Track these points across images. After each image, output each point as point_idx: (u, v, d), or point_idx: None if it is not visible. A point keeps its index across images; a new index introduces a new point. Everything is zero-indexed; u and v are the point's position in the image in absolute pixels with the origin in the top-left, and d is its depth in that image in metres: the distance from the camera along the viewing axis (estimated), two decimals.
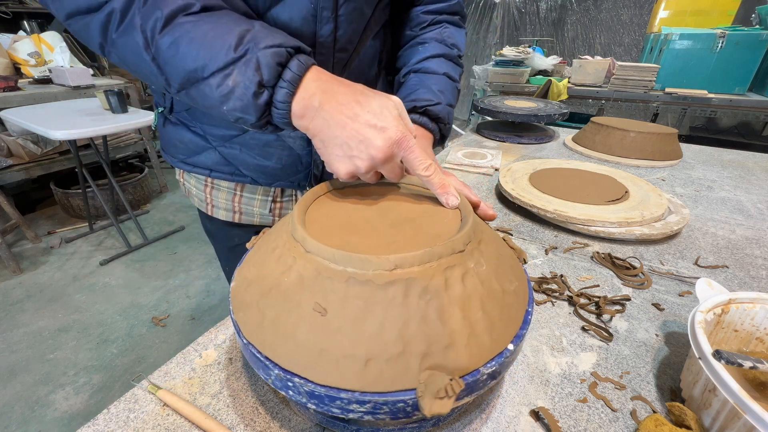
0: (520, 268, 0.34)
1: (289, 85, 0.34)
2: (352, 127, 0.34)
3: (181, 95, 0.36)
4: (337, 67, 0.49)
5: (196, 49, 0.32)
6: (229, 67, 0.33)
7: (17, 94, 2.03)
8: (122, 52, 0.34)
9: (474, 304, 0.26)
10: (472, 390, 0.26)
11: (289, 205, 0.61)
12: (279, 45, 0.33)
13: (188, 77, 0.34)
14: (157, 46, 0.33)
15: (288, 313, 0.26)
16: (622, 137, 1.00)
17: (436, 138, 0.53)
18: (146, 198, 2.60)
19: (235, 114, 0.35)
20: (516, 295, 0.30)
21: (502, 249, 0.34)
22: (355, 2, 0.45)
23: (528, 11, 4.33)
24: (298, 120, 0.35)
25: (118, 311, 1.65)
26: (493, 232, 0.36)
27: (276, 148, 0.53)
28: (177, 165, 0.58)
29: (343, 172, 0.35)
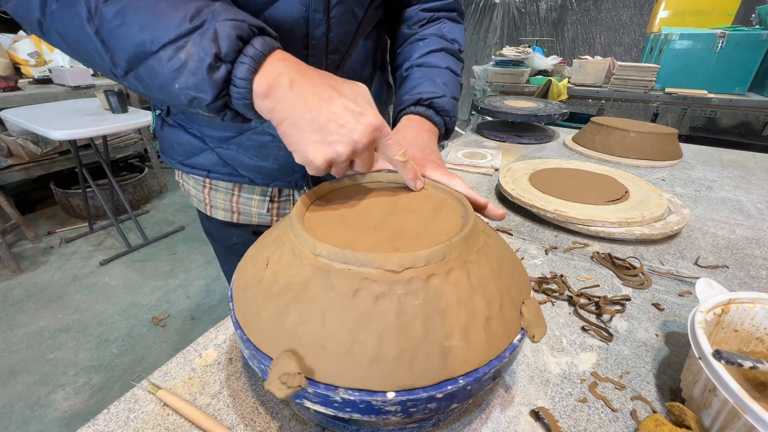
0: (520, 268, 0.34)
1: (251, 61, 0.30)
2: (329, 110, 0.31)
3: (129, 78, 0.32)
4: (330, 68, 0.49)
5: (145, 19, 0.29)
6: (182, 38, 0.29)
7: (17, 94, 2.03)
8: (62, 26, 0.31)
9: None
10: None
11: (286, 205, 0.61)
12: (241, 20, 0.30)
13: (135, 52, 0.30)
14: (101, 15, 0.29)
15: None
16: (622, 137, 1.00)
17: (441, 132, 0.52)
18: (146, 198, 2.60)
19: (188, 93, 0.31)
20: (517, 294, 0.30)
21: (503, 249, 0.34)
22: (346, 4, 0.45)
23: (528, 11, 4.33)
24: (262, 100, 0.31)
25: (118, 311, 1.65)
26: (494, 231, 0.36)
27: (272, 148, 0.53)
28: (175, 166, 0.58)
29: (320, 159, 0.32)
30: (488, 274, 0.29)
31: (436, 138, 0.51)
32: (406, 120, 0.50)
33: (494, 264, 0.30)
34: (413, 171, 0.36)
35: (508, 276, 0.31)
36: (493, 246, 0.32)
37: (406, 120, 0.50)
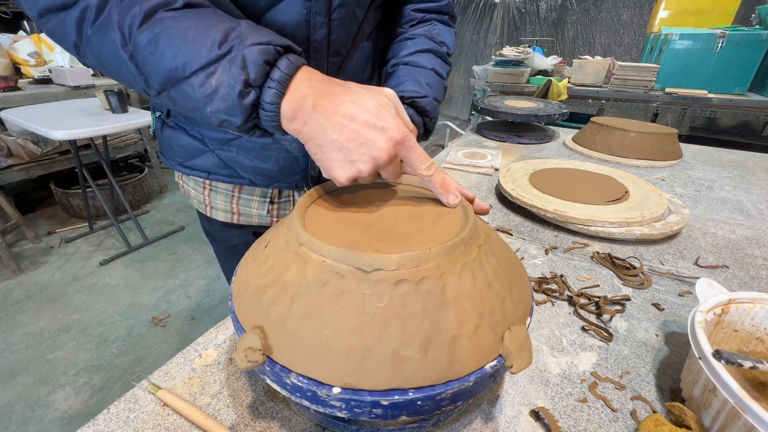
0: (520, 268, 0.34)
1: (278, 85, 0.31)
2: (351, 129, 0.32)
3: (162, 97, 0.34)
4: (331, 70, 0.49)
5: (177, 45, 0.30)
6: (212, 65, 0.30)
7: (17, 94, 2.03)
8: (98, 51, 0.32)
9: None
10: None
11: (286, 206, 0.62)
12: (267, 43, 0.31)
13: (168, 76, 0.31)
14: (135, 43, 0.30)
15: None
16: (622, 137, 1.00)
17: (420, 131, 0.52)
18: (146, 198, 2.60)
19: (219, 116, 0.32)
20: (516, 294, 0.30)
21: (503, 248, 0.34)
22: (347, 6, 0.45)
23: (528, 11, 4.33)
24: (289, 123, 0.33)
25: (118, 311, 1.65)
26: (493, 231, 0.36)
27: (273, 150, 0.53)
28: (175, 168, 0.58)
29: (343, 177, 0.33)
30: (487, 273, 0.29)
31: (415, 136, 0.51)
32: None
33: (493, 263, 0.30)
34: (442, 184, 0.35)
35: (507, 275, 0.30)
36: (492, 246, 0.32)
37: None
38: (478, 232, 0.31)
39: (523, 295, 0.31)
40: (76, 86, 2.22)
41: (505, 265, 0.31)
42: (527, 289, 0.32)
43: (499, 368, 0.26)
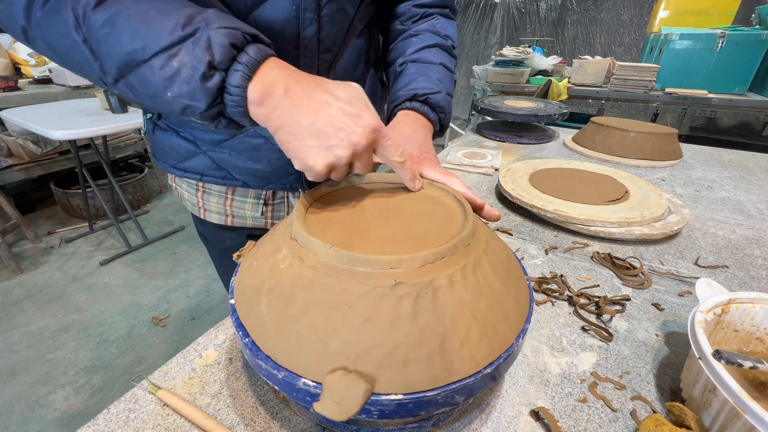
0: (519, 268, 0.34)
1: (245, 68, 0.30)
2: (327, 114, 0.31)
3: (120, 86, 0.32)
4: (323, 68, 0.49)
5: (135, 26, 0.28)
6: (174, 46, 0.29)
7: (17, 94, 2.03)
8: (49, 35, 0.30)
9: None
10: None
11: (280, 207, 0.61)
12: (234, 28, 0.30)
13: (126, 60, 0.29)
14: (90, 24, 0.28)
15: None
16: (622, 137, 1.00)
17: (435, 128, 0.52)
18: (146, 198, 2.60)
19: (181, 102, 0.30)
20: (516, 295, 0.30)
21: (502, 249, 0.34)
22: (337, 2, 0.45)
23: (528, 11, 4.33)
24: (257, 108, 0.31)
25: (118, 311, 1.65)
26: (492, 232, 0.36)
27: (266, 151, 0.53)
28: (168, 170, 0.58)
29: (321, 164, 0.31)
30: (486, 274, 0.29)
31: (431, 134, 0.51)
32: (402, 115, 0.50)
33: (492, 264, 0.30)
34: (411, 171, 0.36)
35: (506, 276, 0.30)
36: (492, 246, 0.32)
37: (402, 115, 0.50)
38: (476, 234, 0.31)
39: (522, 295, 0.31)
40: (76, 86, 2.22)
41: (504, 265, 0.31)
42: (526, 290, 0.32)
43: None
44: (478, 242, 0.30)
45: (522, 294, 0.31)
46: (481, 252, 0.30)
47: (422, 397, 0.24)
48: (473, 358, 0.25)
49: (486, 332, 0.26)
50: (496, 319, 0.27)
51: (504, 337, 0.27)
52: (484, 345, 0.26)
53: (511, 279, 0.31)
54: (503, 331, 0.27)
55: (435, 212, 0.35)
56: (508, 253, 0.34)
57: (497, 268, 0.30)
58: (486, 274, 0.28)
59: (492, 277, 0.29)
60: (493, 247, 0.32)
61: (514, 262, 0.34)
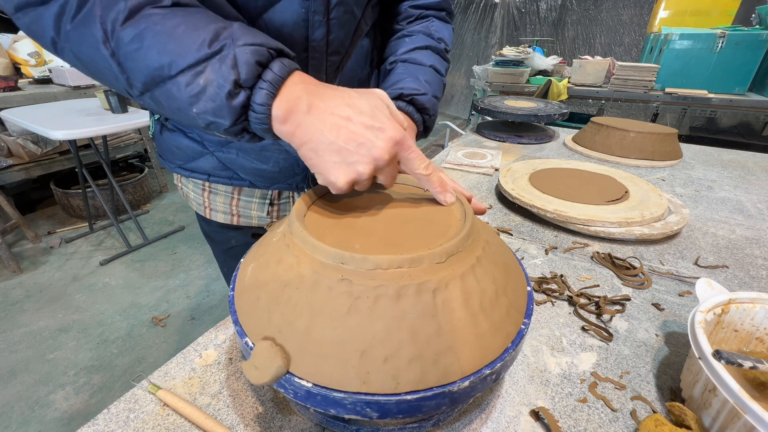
0: (519, 268, 0.34)
1: (269, 86, 0.30)
2: (348, 130, 0.31)
3: (145, 98, 0.32)
4: (330, 69, 0.49)
5: (163, 43, 0.29)
6: (201, 64, 0.29)
7: (17, 94, 2.03)
8: (77, 47, 0.31)
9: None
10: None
11: (286, 207, 0.61)
12: (260, 44, 0.30)
13: (152, 75, 0.30)
14: (118, 39, 0.29)
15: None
16: (622, 137, 1.00)
17: (419, 129, 0.52)
18: (146, 198, 2.60)
19: (206, 118, 0.31)
20: (515, 294, 0.30)
21: (502, 249, 0.34)
22: (345, 5, 0.45)
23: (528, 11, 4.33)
24: (281, 125, 0.32)
25: (118, 311, 1.65)
26: (493, 232, 0.36)
27: (273, 151, 0.53)
28: (175, 170, 0.58)
29: (342, 181, 0.32)
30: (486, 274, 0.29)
31: (414, 135, 0.51)
32: None
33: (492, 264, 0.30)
34: (440, 183, 0.35)
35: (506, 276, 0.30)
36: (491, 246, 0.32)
37: None
38: (476, 234, 0.31)
39: (522, 295, 0.31)
40: (76, 86, 2.22)
41: (504, 265, 0.31)
42: (525, 290, 0.32)
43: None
44: (477, 242, 0.30)
45: (522, 294, 0.31)
46: (481, 252, 0.30)
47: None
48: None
49: (486, 332, 0.26)
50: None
51: (504, 336, 0.27)
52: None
53: (511, 279, 0.31)
54: (503, 331, 0.27)
55: (434, 212, 0.35)
56: (508, 253, 0.34)
57: (497, 268, 0.30)
58: (486, 273, 0.28)
59: (492, 277, 0.29)
60: (493, 246, 0.32)
61: (514, 261, 0.34)
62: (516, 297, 0.30)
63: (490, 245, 0.32)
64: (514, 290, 0.30)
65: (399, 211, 0.35)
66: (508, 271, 0.31)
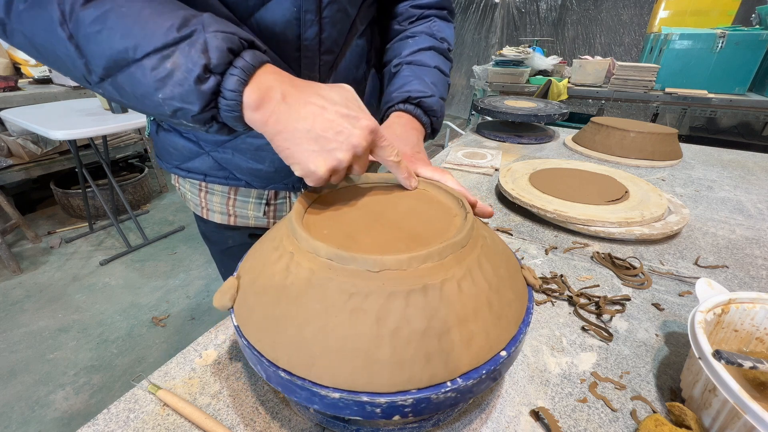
0: (519, 268, 0.34)
1: (241, 72, 0.29)
2: (324, 118, 0.31)
3: (105, 85, 0.31)
4: (324, 69, 0.49)
5: (128, 25, 0.28)
6: (169, 48, 0.28)
7: (17, 94, 2.03)
8: (30, 29, 0.29)
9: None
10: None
11: (283, 207, 0.61)
12: (232, 32, 0.30)
13: (115, 59, 0.28)
14: (78, 19, 0.28)
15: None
16: (622, 137, 1.00)
17: (427, 131, 0.52)
18: (146, 198, 2.60)
19: (172, 104, 0.30)
20: (515, 294, 0.30)
21: (502, 249, 0.34)
22: (338, 3, 0.45)
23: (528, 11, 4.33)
24: (253, 113, 0.31)
25: (118, 311, 1.65)
26: (492, 232, 0.36)
27: (268, 151, 0.53)
28: (172, 171, 0.58)
29: (323, 168, 0.31)
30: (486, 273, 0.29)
31: (423, 137, 0.51)
32: (396, 117, 0.50)
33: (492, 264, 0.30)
34: (407, 170, 0.37)
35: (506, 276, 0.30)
36: (491, 246, 0.32)
37: (396, 117, 0.50)
38: (476, 233, 0.31)
39: (522, 295, 0.31)
40: (76, 86, 2.22)
41: (504, 265, 0.31)
42: (525, 290, 0.32)
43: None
44: (477, 242, 0.30)
45: (521, 294, 0.31)
46: (481, 251, 0.29)
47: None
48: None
49: (485, 332, 0.26)
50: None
51: (503, 336, 0.27)
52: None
53: (511, 278, 0.31)
54: (502, 331, 0.27)
55: (434, 211, 0.35)
56: (508, 253, 0.34)
57: (497, 268, 0.30)
58: (485, 273, 0.28)
59: (491, 277, 0.29)
60: (493, 246, 0.32)
61: (514, 261, 0.34)
62: (516, 296, 0.30)
63: (490, 245, 0.32)
64: (514, 289, 0.30)
65: (398, 210, 0.35)
66: (507, 271, 0.31)
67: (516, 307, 0.29)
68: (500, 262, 0.31)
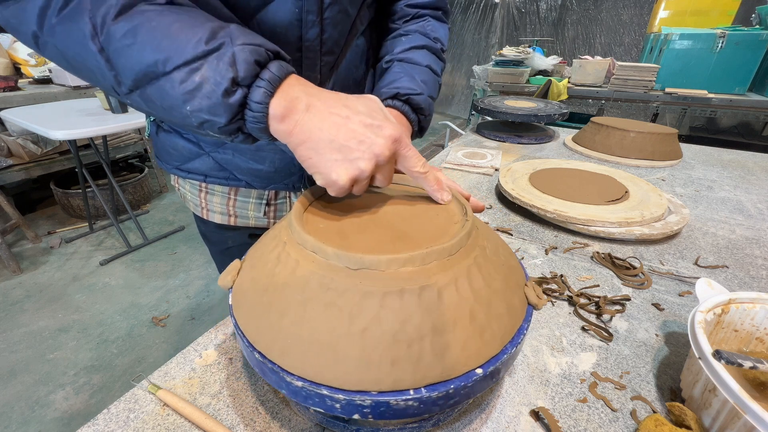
0: (519, 268, 0.34)
1: (268, 85, 0.30)
2: (348, 128, 0.31)
3: (133, 96, 0.31)
4: (325, 69, 0.49)
5: (159, 39, 0.28)
6: (197, 61, 0.29)
7: (17, 94, 2.03)
8: (62, 42, 0.29)
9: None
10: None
11: (283, 207, 0.61)
12: (258, 44, 0.30)
13: (145, 72, 0.29)
14: (109, 33, 0.28)
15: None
16: (622, 137, 1.00)
17: (414, 129, 0.52)
18: (146, 198, 2.60)
19: (200, 116, 0.30)
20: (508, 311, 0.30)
21: (502, 248, 0.34)
22: (339, 4, 0.45)
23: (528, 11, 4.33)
24: (278, 124, 0.31)
25: (118, 311, 1.65)
26: (492, 232, 0.36)
27: (268, 151, 0.53)
28: (172, 171, 0.58)
29: (345, 177, 0.31)
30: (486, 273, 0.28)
31: (410, 134, 0.51)
32: None
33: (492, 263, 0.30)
34: (436, 181, 0.36)
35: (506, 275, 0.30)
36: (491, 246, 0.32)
37: None
38: (476, 233, 0.31)
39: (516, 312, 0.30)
40: (76, 86, 2.22)
41: (504, 265, 0.31)
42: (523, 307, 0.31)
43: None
44: (477, 242, 0.30)
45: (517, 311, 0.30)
46: (481, 251, 0.29)
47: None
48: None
49: (485, 332, 0.26)
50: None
51: (503, 336, 0.27)
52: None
53: (511, 278, 0.31)
54: (503, 331, 0.27)
55: (434, 211, 0.35)
56: (508, 253, 0.34)
57: (497, 268, 0.30)
58: (486, 273, 0.28)
59: (492, 277, 0.29)
60: (493, 246, 0.32)
61: (514, 261, 0.34)
62: (516, 296, 0.30)
63: (490, 245, 0.32)
64: (514, 290, 0.30)
65: (398, 210, 0.35)
66: (508, 271, 0.31)
67: (506, 323, 0.28)
68: (500, 262, 0.31)
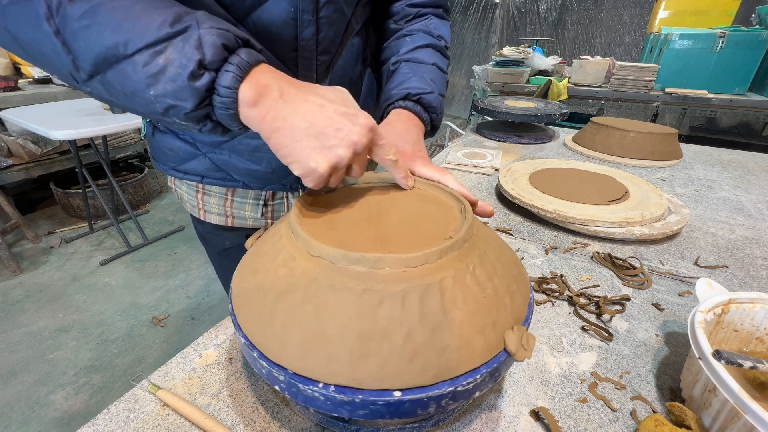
0: (519, 268, 0.34)
1: (237, 69, 0.29)
2: (324, 115, 0.31)
3: (93, 83, 0.29)
4: (321, 68, 0.49)
5: (119, 20, 0.27)
6: (161, 43, 0.27)
7: (17, 94, 2.03)
8: (14, 25, 0.28)
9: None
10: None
11: (280, 207, 0.61)
12: (226, 29, 0.29)
13: (105, 55, 0.27)
14: (65, 14, 0.27)
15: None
16: (622, 137, 1.00)
17: (427, 128, 0.52)
18: (146, 198, 2.60)
19: (165, 101, 0.29)
20: (516, 294, 0.30)
21: (502, 248, 0.34)
22: (335, 3, 0.45)
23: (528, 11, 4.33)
24: (250, 109, 0.30)
25: (118, 311, 1.65)
26: (492, 232, 0.36)
27: (265, 152, 0.53)
28: (168, 172, 0.57)
29: (324, 165, 0.30)
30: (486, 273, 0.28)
31: (423, 134, 0.51)
32: (396, 114, 0.50)
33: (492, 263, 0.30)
34: (404, 170, 0.37)
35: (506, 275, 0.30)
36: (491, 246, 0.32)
37: (396, 114, 0.50)
38: (476, 233, 0.31)
39: (522, 294, 0.31)
40: None
41: (504, 264, 0.31)
42: (526, 289, 0.32)
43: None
44: (477, 241, 0.30)
45: (522, 293, 0.31)
46: (481, 251, 0.29)
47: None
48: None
49: (485, 331, 0.26)
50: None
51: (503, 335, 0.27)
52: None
53: (511, 278, 0.31)
54: (502, 330, 0.27)
55: (433, 211, 0.35)
56: (508, 252, 0.34)
57: (497, 267, 0.30)
58: (485, 273, 0.28)
59: (491, 276, 0.29)
60: (493, 246, 0.32)
61: (514, 261, 0.34)
62: (516, 296, 0.30)
63: (490, 244, 0.32)
64: (514, 289, 0.30)
65: (397, 210, 0.35)
66: (507, 270, 0.31)
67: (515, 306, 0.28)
68: (500, 261, 0.31)
